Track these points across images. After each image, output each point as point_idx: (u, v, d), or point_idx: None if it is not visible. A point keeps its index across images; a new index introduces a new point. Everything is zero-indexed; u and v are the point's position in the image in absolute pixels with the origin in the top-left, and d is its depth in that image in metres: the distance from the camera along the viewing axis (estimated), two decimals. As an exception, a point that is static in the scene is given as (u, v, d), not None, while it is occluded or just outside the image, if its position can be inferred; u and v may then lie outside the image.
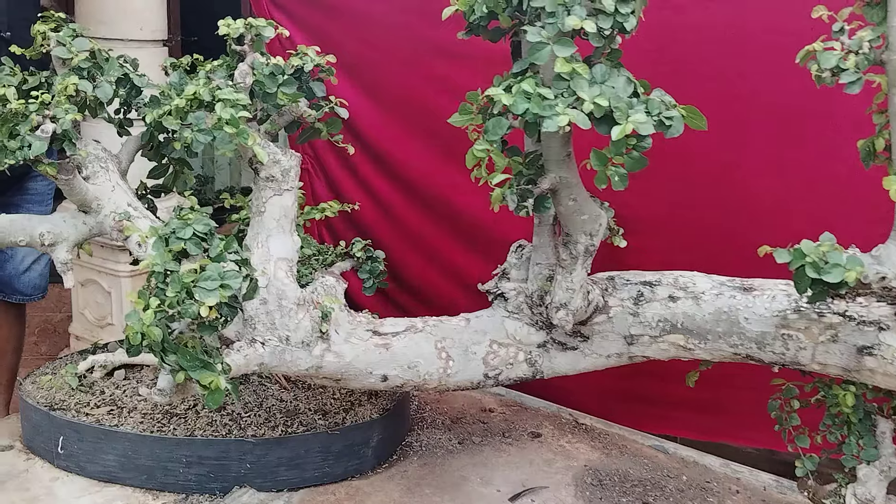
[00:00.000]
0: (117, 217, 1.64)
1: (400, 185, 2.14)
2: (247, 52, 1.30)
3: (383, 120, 2.15)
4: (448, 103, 2.06)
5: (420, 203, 2.12)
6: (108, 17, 2.64)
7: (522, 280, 1.48)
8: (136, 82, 1.76)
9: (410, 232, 2.14)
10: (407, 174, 2.12)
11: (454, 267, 2.09)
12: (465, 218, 2.04)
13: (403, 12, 2.11)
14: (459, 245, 2.07)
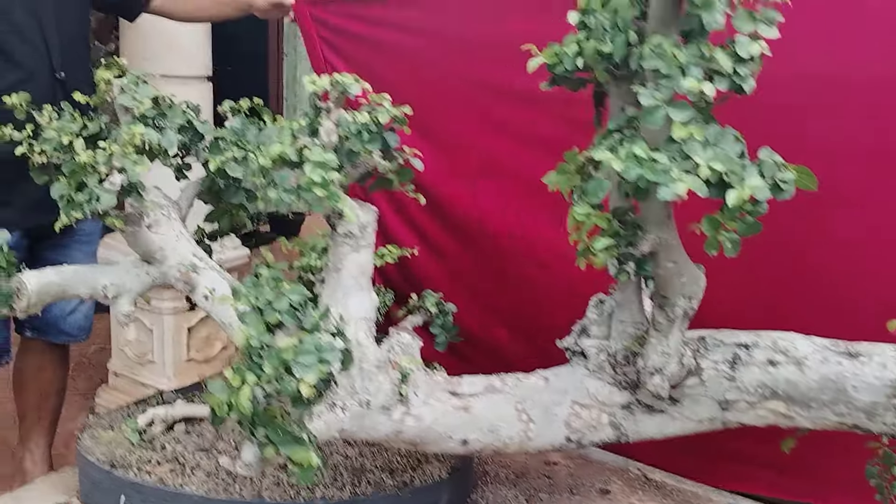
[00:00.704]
0: (183, 269, 1.60)
1: (456, 231, 2.09)
2: (331, 109, 1.26)
3: (438, 163, 2.10)
4: (508, 146, 2.05)
5: (476, 250, 2.07)
6: (154, 53, 2.64)
7: (604, 337, 1.43)
8: (199, 129, 1.73)
9: (466, 279, 2.08)
10: (463, 220, 2.08)
11: (514, 317, 2.04)
12: (527, 267, 1.99)
13: (459, 53, 2.08)
14: (520, 294, 2.02)
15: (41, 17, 2.03)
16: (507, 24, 1.98)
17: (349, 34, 2.24)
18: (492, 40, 2.00)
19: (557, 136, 1.92)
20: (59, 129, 1.62)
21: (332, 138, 1.26)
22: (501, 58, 2.00)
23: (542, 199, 1.95)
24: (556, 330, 1.85)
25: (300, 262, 1.86)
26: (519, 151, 2.00)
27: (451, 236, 2.10)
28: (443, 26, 2.09)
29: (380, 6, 2.23)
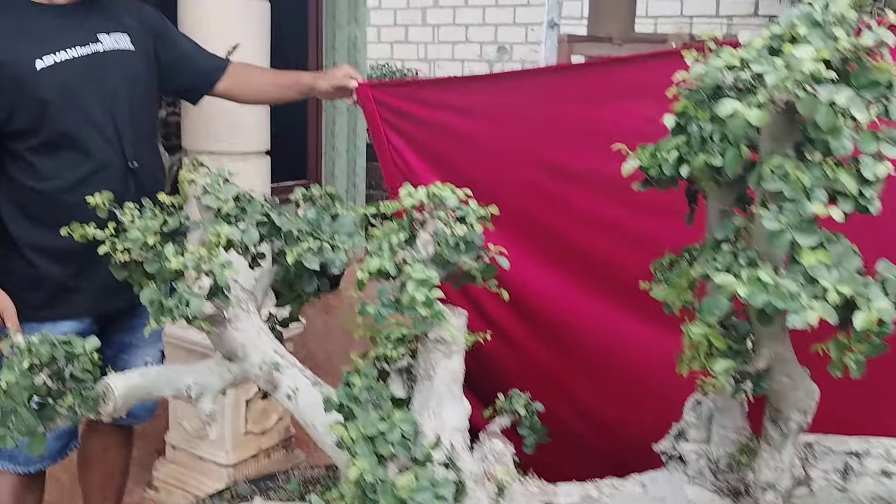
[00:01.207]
0: (266, 367, 1.59)
1: (526, 318, 2.06)
2: (427, 220, 1.24)
3: (507, 249, 2.09)
4: (577, 230, 2.02)
5: (548, 338, 2.04)
6: (216, 132, 2.66)
7: (703, 441, 1.39)
8: (277, 222, 1.73)
9: (540, 369, 2.05)
10: (537, 308, 2.05)
11: (594, 411, 2.00)
12: (603, 357, 1.95)
13: (524, 135, 2.07)
14: (598, 386, 1.98)
15: (115, 111, 2.06)
16: (570, 107, 1.98)
17: (412, 116, 2.24)
18: (557, 123, 2.00)
19: (625, 219, 1.90)
20: (143, 230, 1.62)
21: (428, 250, 1.25)
22: (567, 141, 2.00)
23: (614, 285, 1.94)
24: (640, 427, 1.82)
25: (375, 351, 1.84)
26: (587, 234, 1.98)
27: (521, 323, 2.07)
28: (508, 109, 2.08)
29: (443, 89, 2.25)
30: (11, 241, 2.06)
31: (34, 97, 1.96)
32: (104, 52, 2.06)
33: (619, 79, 1.87)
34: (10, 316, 1.99)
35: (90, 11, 2.08)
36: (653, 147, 1.26)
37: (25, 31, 1.98)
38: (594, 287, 1.95)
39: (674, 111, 1.24)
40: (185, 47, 2.31)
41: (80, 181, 2.02)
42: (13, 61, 1.94)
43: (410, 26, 11.28)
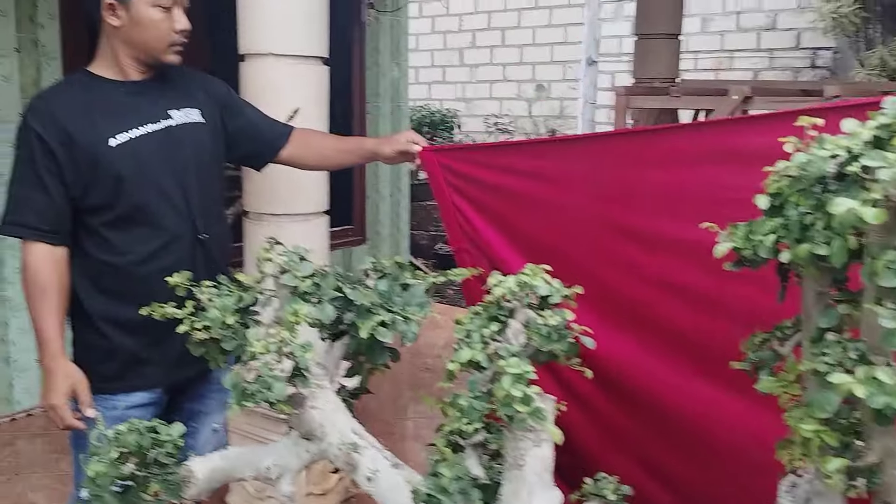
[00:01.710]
0: (344, 448, 1.58)
1: (607, 387, 2.03)
2: (517, 309, 1.23)
3: (580, 315, 2.07)
4: (652, 294, 1.99)
5: (630, 408, 2.00)
6: (279, 195, 2.69)
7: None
8: (350, 297, 1.73)
9: (619, 437, 2.02)
10: (615, 375, 2.01)
11: (679, 481, 1.95)
12: (684, 424, 1.92)
13: (594, 200, 2.05)
14: (681, 455, 1.94)
15: (186, 184, 2.08)
16: (645, 172, 1.96)
17: (477, 180, 2.24)
18: (631, 188, 1.98)
19: (703, 285, 1.87)
20: (221, 309, 1.63)
21: (519, 339, 1.23)
22: (642, 205, 1.97)
23: (695, 352, 1.90)
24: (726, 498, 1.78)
25: (449, 426, 1.82)
26: (663, 300, 1.95)
27: (599, 391, 2.04)
28: (577, 173, 2.07)
29: (509, 153, 2.24)
30: (85, 314, 2.08)
31: (109, 173, 1.99)
32: (175, 126, 2.09)
33: (699, 144, 1.85)
34: (84, 390, 2.01)
35: (162, 87, 2.12)
36: (746, 228, 1.23)
37: (99, 108, 2.02)
38: (673, 354, 1.92)
39: (766, 191, 1.22)
40: (251, 116, 2.34)
41: (153, 254, 2.05)
42: (88, 140, 1.98)
43: (448, 67, 11.38)
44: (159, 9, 2.01)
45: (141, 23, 2.01)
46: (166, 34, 2.03)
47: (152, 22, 2.01)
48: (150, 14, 2.00)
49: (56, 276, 2.01)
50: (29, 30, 4.22)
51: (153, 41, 2.03)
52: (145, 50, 2.05)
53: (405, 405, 4.76)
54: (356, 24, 5.88)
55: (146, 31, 2.02)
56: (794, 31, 8.76)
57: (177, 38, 2.06)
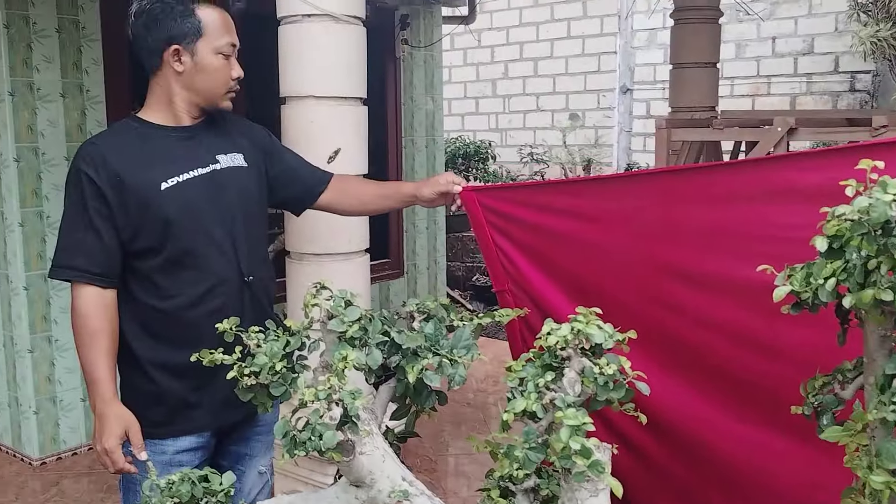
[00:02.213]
0: (395, 496, 1.56)
1: (657, 431, 1.99)
2: (572, 357, 1.21)
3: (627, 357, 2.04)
4: (699, 336, 1.96)
5: (681, 452, 1.96)
6: (318, 235, 2.71)
7: (865, 574, 1.30)
8: (398, 340, 1.72)
9: (670, 482, 1.97)
10: (663, 418, 1.97)
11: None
12: (738, 469, 1.87)
13: (638, 238, 2.02)
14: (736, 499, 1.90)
15: (232, 227, 2.11)
16: (689, 209, 1.93)
17: (519, 219, 2.23)
18: (675, 226, 1.95)
19: (754, 325, 1.83)
20: (270, 355, 1.63)
21: (575, 389, 1.21)
22: (689, 244, 1.94)
23: (747, 394, 1.86)
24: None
25: (500, 471, 1.79)
26: (715, 343, 1.91)
27: (650, 436, 2.00)
28: (620, 211, 2.05)
29: (550, 192, 2.22)
30: (134, 358, 2.09)
31: (158, 217, 2.02)
32: (221, 170, 2.12)
33: (746, 181, 1.82)
34: (136, 433, 2.01)
35: (209, 133, 2.16)
36: (805, 271, 1.21)
37: (150, 153, 2.06)
38: (725, 398, 1.88)
39: (824, 232, 1.19)
40: (292, 161, 2.37)
41: (201, 297, 2.07)
42: (139, 183, 2.01)
43: (481, 98, 11.42)
44: (221, 56, 2.09)
45: (204, 69, 2.08)
46: (226, 80, 2.11)
47: (214, 68, 2.09)
48: (213, 61, 2.08)
49: (106, 320, 2.03)
50: (74, 76, 4.31)
51: (214, 87, 2.11)
52: (205, 95, 2.11)
53: (446, 441, 4.73)
54: (391, 61, 5.94)
55: (208, 77, 2.09)
56: (831, 55, 8.68)
57: (233, 84, 2.14)
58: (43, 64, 4.19)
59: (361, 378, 1.80)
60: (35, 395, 4.34)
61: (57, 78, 4.25)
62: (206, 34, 2.07)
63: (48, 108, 4.22)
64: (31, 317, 4.28)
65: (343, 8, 2.61)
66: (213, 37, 2.07)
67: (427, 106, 6.44)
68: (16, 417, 4.45)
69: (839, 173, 1.22)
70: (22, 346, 4.30)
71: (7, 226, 4.21)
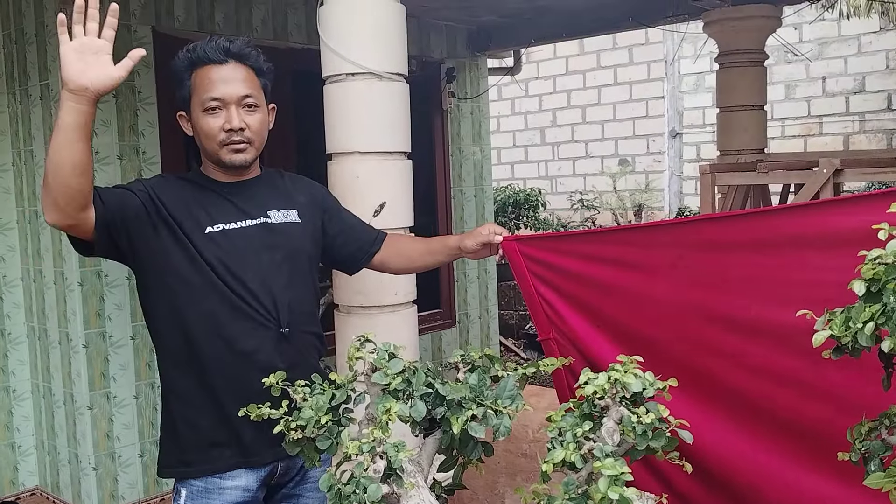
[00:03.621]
0: (442, 549, 1.56)
1: (705, 478, 1.96)
2: (610, 406, 1.21)
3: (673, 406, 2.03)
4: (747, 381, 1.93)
5: (724, 494, 1.93)
6: (366, 288, 2.73)
7: None
8: (441, 392, 1.73)
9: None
10: (712, 466, 1.95)
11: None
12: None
13: (686, 286, 2.01)
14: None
15: (272, 283, 2.15)
16: (734, 255, 1.93)
17: (560, 268, 2.24)
18: (720, 272, 1.95)
19: (802, 370, 1.81)
20: (315, 409, 1.65)
21: (614, 438, 1.21)
22: (733, 290, 1.93)
23: (794, 439, 1.83)
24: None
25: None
26: (761, 388, 1.89)
27: (698, 483, 1.97)
28: (663, 259, 2.05)
29: (593, 241, 2.24)
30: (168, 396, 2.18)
31: (199, 258, 2.08)
32: (272, 224, 2.18)
33: (790, 227, 1.81)
34: None
35: (262, 189, 2.23)
36: (844, 315, 1.20)
37: (202, 201, 2.15)
38: (773, 444, 1.85)
39: (862, 276, 1.19)
40: (349, 220, 2.43)
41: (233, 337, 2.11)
42: (186, 224, 2.09)
43: (530, 146, 11.49)
44: (208, 112, 2.12)
45: (197, 129, 2.16)
46: (214, 134, 2.13)
47: (200, 126, 2.14)
48: (201, 119, 2.14)
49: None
50: (130, 138, 4.46)
51: (206, 142, 2.16)
52: (206, 151, 2.18)
53: (502, 492, 4.67)
54: (438, 113, 6.02)
55: (200, 134, 2.16)
56: (884, 92, 8.57)
57: (225, 136, 2.13)
58: (101, 128, 4.34)
59: (408, 430, 1.81)
60: (94, 451, 4.41)
61: (114, 141, 4.39)
62: (194, 94, 2.13)
63: (105, 170, 4.36)
64: (90, 374, 4.37)
65: (385, 66, 2.68)
66: (197, 95, 2.12)
67: (475, 156, 6.50)
68: (76, 473, 4.53)
69: (876, 217, 1.22)
70: (81, 404, 4.39)
71: (67, 285, 4.33)
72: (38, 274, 4.57)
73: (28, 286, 4.65)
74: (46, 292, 4.51)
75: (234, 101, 2.12)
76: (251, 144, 2.16)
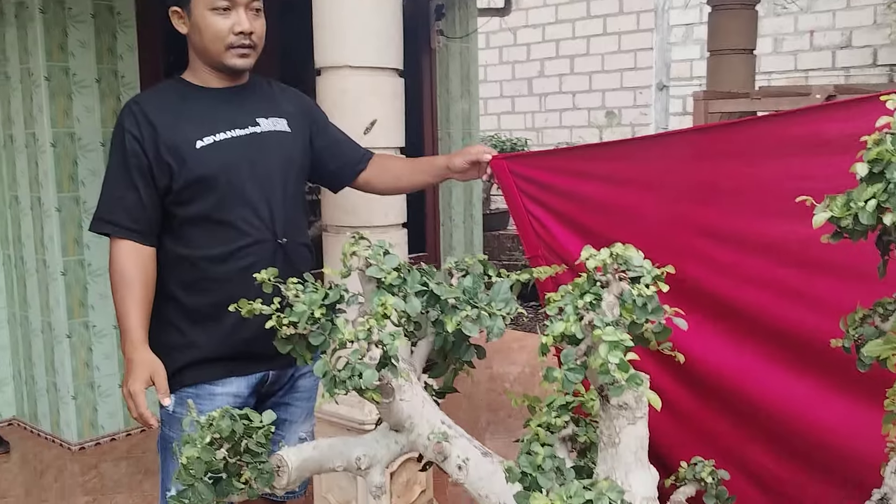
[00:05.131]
0: (435, 438, 1.57)
1: (696, 387, 1.97)
2: (611, 281, 1.21)
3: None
4: (738, 292, 1.94)
5: (720, 407, 1.95)
6: (355, 207, 2.71)
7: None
8: (436, 291, 1.73)
9: (713, 439, 1.95)
10: (703, 375, 1.96)
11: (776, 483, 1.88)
12: (778, 421, 1.85)
13: (676, 199, 2.01)
14: (774, 454, 1.87)
15: (269, 190, 2.13)
16: (725, 166, 1.92)
17: (550, 186, 2.22)
18: (711, 184, 1.94)
19: (794, 278, 1.82)
20: (310, 303, 1.64)
21: (615, 312, 1.21)
22: (725, 201, 1.93)
23: (785, 347, 1.85)
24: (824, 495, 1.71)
25: (538, 419, 1.79)
26: (752, 298, 1.90)
27: (687, 391, 1.99)
28: (653, 173, 2.03)
29: (583, 158, 2.22)
30: (163, 305, 2.15)
31: (193, 174, 2.05)
32: (262, 133, 2.14)
33: (781, 135, 1.80)
34: (161, 378, 2.05)
35: (251, 96, 2.18)
36: (845, 197, 1.20)
37: (188, 113, 2.09)
38: (763, 351, 1.86)
39: (864, 159, 1.18)
40: (336, 135, 2.39)
41: (230, 254, 2.10)
42: (175, 141, 2.05)
43: (517, 97, 11.42)
44: (216, 12, 2.06)
45: (199, 28, 2.08)
46: (223, 36, 2.07)
47: (207, 25, 2.07)
48: (207, 18, 2.06)
49: (141, 270, 2.06)
50: (108, 61, 4.38)
51: (210, 44, 2.08)
52: (206, 53, 2.11)
53: (483, 428, 4.72)
54: (427, 52, 5.96)
55: (204, 34, 2.08)
56: (870, 48, 8.57)
57: (234, 39, 2.08)
58: (78, 49, 4.26)
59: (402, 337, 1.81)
60: (73, 380, 4.40)
61: (92, 64, 4.32)
62: None
63: (84, 94, 4.29)
64: (69, 302, 4.35)
65: (379, -22, 2.62)
66: None
67: (463, 101, 6.46)
68: (54, 403, 4.51)
69: (865, 122, 1.21)
70: (60, 332, 4.37)
71: (44, 211, 4.28)
72: (14, 200, 4.51)
73: (3, 212, 4.59)
74: (23, 218, 4.46)
75: (243, 3, 2.07)
76: (254, 49, 2.13)
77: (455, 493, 3.85)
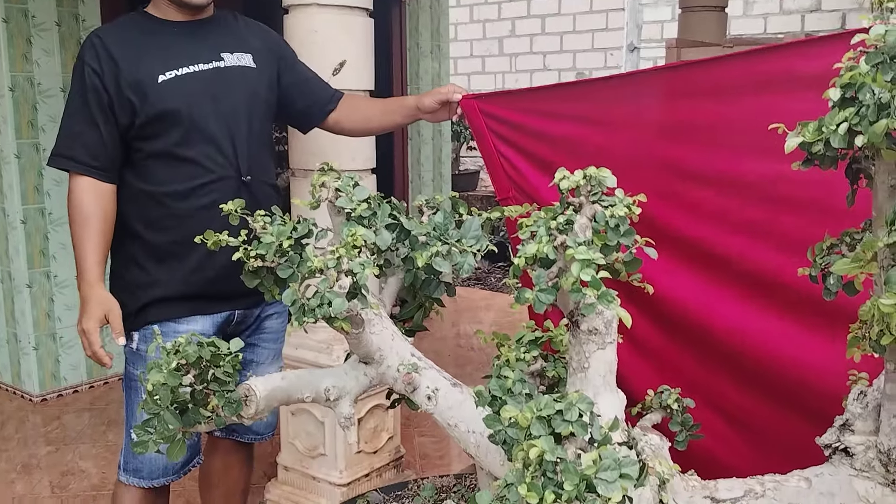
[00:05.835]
0: (404, 369, 1.57)
1: (663, 324, 1.99)
2: (584, 204, 1.21)
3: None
4: (707, 232, 1.96)
5: (687, 343, 1.97)
6: (321, 149, 2.67)
7: (870, 433, 1.32)
8: (406, 226, 1.72)
9: (681, 376, 1.97)
10: (670, 312, 1.98)
11: (737, 410, 1.92)
12: (744, 357, 1.87)
13: (649, 138, 2.00)
14: (741, 388, 1.90)
15: (233, 125, 2.09)
16: (695, 104, 1.92)
17: (522, 126, 2.21)
18: (681, 123, 1.94)
19: (760, 216, 1.83)
20: (278, 235, 1.62)
21: (587, 234, 1.21)
22: (692, 139, 1.93)
23: (749, 283, 1.86)
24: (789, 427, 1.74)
25: (506, 354, 1.80)
26: (720, 236, 1.91)
27: (655, 328, 2.01)
28: (626, 113, 2.03)
29: (554, 98, 2.20)
30: (124, 241, 2.12)
31: (155, 109, 2.01)
32: (226, 67, 2.10)
33: (752, 72, 1.80)
34: (115, 318, 2.02)
35: (215, 30, 2.14)
36: (817, 122, 1.20)
37: (150, 47, 2.04)
38: (730, 286, 1.88)
39: (837, 85, 1.18)
40: (305, 73, 2.35)
41: (192, 190, 2.07)
42: (137, 77, 2.00)
43: (487, 57, 11.35)
44: None
45: None
46: None
47: None
48: None
49: (100, 208, 2.03)
50: (69, 4, 4.27)
51: None
52: None
53: (449, 381, 4.74)
54: (396, 3, 5.89)
55: None
56: (838, 12, 8.61)
57: None
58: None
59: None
60: (34, 331, 4.33)
61: (52, 7, 4.21)
62: None
63: (43, 37, 4.19)
64: (29, 251, 4.27)
65: None
66: None
67: (433, 59, 6.40)
68: (15, 354, 4.45)
69: (838, 58, 1.21)
70: (20, 282, 4.30)
71: (3, 157, 4.19)
72: (-27, 147, 4.41)
73: (-38, 160, 4.49)
74: (-19, 166, 4.36)
75: None
76: None
77: (422, 444, 3.87)
